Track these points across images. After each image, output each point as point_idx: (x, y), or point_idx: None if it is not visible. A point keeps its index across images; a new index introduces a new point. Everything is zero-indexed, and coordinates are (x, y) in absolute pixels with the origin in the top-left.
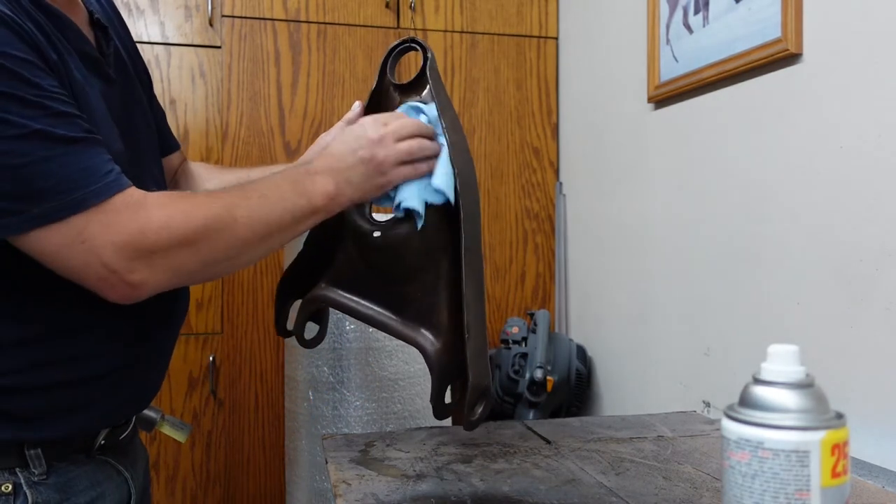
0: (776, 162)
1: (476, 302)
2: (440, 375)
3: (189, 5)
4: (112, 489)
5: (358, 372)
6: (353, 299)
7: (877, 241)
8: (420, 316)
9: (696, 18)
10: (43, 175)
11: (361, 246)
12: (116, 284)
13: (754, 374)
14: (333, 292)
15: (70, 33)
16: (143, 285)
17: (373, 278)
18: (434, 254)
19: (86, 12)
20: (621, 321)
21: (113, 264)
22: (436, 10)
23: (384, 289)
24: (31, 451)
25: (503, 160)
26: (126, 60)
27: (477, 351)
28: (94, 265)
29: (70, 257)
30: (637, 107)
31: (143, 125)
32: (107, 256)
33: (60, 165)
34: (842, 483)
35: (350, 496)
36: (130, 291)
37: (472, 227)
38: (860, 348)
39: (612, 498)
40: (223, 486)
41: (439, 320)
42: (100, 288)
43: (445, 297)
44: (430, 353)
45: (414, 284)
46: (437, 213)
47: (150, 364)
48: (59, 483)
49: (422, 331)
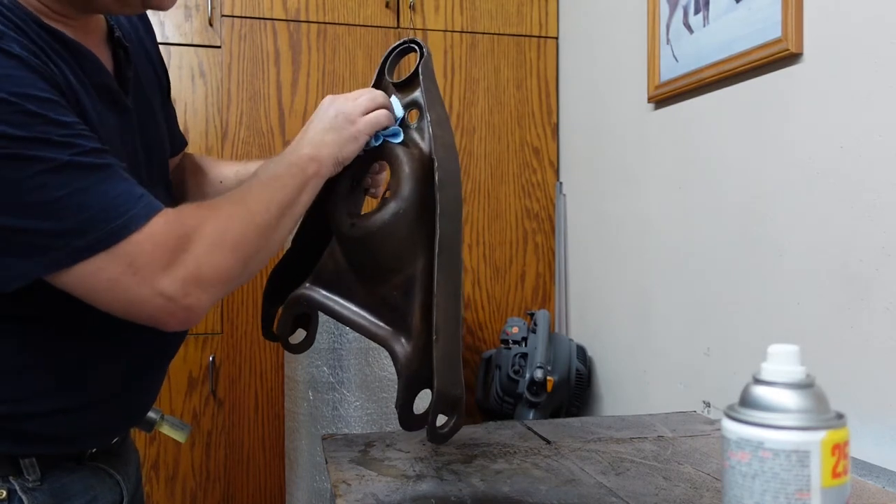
0: (776, 162)
1: (449, 304)
2: (408, 382)
3: (189, 5)
4: (105, 492)
5: (358, 372)
6: (333, 299)
7: (877, 241)
8: (394, 318)
9: (697, 18)
10: (82, 206)
11: (342, 241)
12: (175, 312)
13: (754, 374)
14: (315, 291)
15: (88, 65)
16: (199, 307)
17: (352, 277)
18: (410, 251)
19: (104, 29)
20: (621, 321)
21: (168, 291)
22: (436, 10)
23: (363, 288)
24: (24, 460)
25: (503, 160)
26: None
27: (446, 356)
28: (150, 296)
29: (124, 292)
30: (637, 107)
31: (156, 145)
32: (161, 285)
33: (97, 194)
34: (842, 483)
35: (350, 496)
36: (188, 316)
37: (449, 225)
38: (860, 348)
39: (612, 498)
40: (223, 486)
41: (412, 323)
42: (158, 318)
43: (419, 299)
44: (400, 358)
45: (390, 284)
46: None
47: (145, 388)
48: (54, 489)
49: (395, 333)
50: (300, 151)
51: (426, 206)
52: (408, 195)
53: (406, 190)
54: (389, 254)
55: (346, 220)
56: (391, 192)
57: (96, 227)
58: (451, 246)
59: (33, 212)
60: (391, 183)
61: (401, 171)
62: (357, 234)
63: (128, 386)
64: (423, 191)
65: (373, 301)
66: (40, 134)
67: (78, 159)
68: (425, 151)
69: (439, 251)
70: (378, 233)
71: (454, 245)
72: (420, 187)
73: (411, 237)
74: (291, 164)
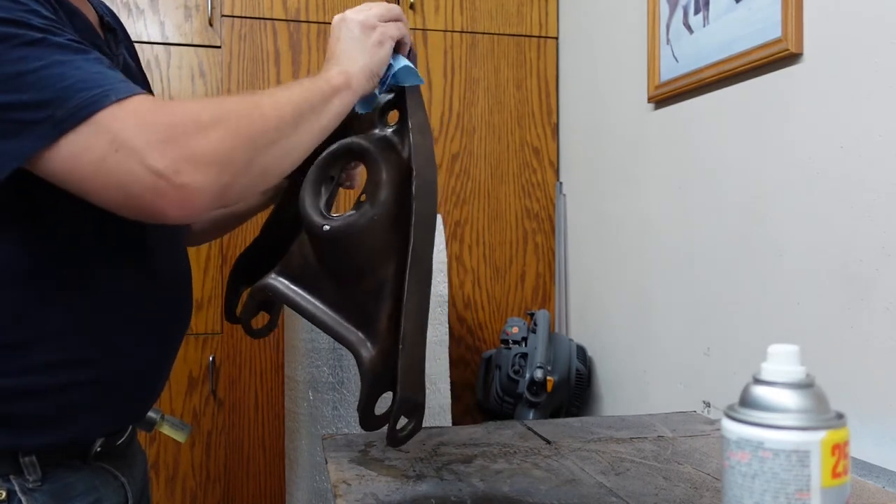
0: (776, 162)
1: (417, 313)
2: (371, 384)
3: (189, 5)
4: (108, 494)
5: (358, 372)
6: (299, 293)
7: (877, 241)
8: (360, 320)
9: (697, 18)
10: (62, 77)
11: (313, 239)
12: (167, 191)
13: (754, 374)
14: (281, 283)
15: (82, 25)
16: (196, 187)
17: (321, 274)
18: (382, 256)
19: (96, 15)
20: (621, 321)
21: (157, 166)
22: (436, 10)
23: (330, 286)
24: (25, 459)
25: (503, 160)
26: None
27: (411, 363)
28: (138, 173)
29: (111, 172)
30: (637, 107)
31: None
32: (149, 158)
33: (77, 69)
34: (842, 483)
35: (350, 496)
36: (185, 197)
37: (423, 234)
38: (860, 348)
39: (612, 498)
40: (223, 486)
41: (378, 326)
42: (152, 202)
43: (388, 304)
44: (364, 360)
45: (358, 286)
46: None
47: (150, 370)
48: (55, 489)
49: (359, 334)
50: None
51: (401, 213)
52: (384, 201)
53: (382, 196)
54: (361, 257)
55: (318, 221)
56: (367, 196)
57: (76, 95)
58: (423, 256)
59: (13, 85)
60: (367, 187)
61: (378, 175)
62: (330, 235)
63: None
64: (398, 198)
65: (339, 300)
66: (20, 17)
67: (57, 39)
68: (403, 157)
69: (412, 261)
70: (352, 237)
71: (426, 255)
72: (396, 194)
73: (384, 243)
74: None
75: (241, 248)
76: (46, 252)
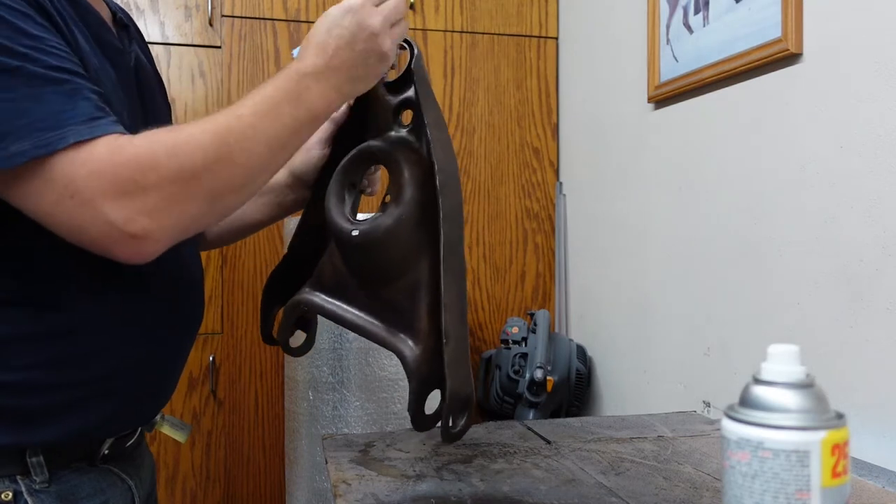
0: (776, 162)
1: (456, 306)
2: (419, 383)
3: (189, 5)
4: (115, 497)
5: (358, 372)
6: (336, 304)
7: (877, 241)
8: (400, 321)
9: (697, 18)
10: (24, 112)
11: (343, 247)
12: (119, 239)
13: (754, 374)
14: (316, 296)
15: (90, 18)
16: (148, 236)
17: (355, 282)
18: (413, 255)
19: (109, 12)
20: (621, 321)
21: (109, 216)
22: (436, 10)
23: (366, 292)
24: (32, 459)
25: (503, 160)
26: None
27: (456, 357)
28: (93, 220)
29: (65, 215)
30: (637, 107)
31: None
32: (103, 207)
33: (44, 104)
34: (842, 483)
35: (350, 496)
36: (136, 245)
37: (451, 228)
38: (860, 348)
39: (612, 498)
40: (223, 486)
41: (419, 325)
42: (106, 247)
43: (426, 302)
44: (409, 360)
45: (394, 287)
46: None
47: (158, 369)
48: (61, 491)
49: (401, 336)
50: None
51: (427, 209)
52: (409, 200)
53: (407, 195)
54: (393, 258)
55: (347, 227)
56: (392, 197)
57: (31, 135)
58: (455, 248)
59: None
60: (391, 188)
61: (400, 175)
62: (359, 240)
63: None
64: (423, 194)
65: (376, 304)
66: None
67: (33, 69)
68: (423, 154)
69: (445, 255)
70: (381, 239)
71: (457, 247)
72: (420, 191)
73: (414, 241)
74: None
75: (241, 247)
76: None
